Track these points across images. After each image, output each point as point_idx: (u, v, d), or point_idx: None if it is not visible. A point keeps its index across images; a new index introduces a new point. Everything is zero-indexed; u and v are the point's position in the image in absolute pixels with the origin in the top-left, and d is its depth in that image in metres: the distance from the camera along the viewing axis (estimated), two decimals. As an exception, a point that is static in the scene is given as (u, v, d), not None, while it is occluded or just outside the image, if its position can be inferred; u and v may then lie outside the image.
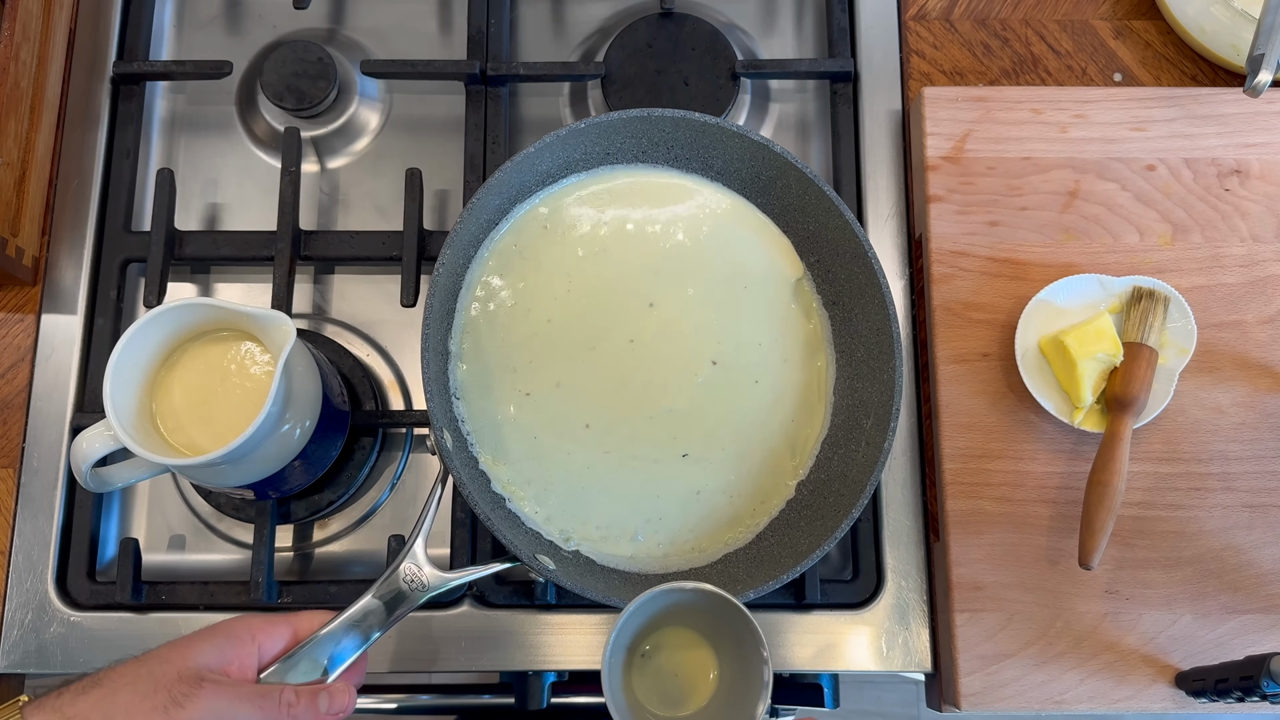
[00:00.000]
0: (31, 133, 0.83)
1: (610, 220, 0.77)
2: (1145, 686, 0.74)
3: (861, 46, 0.89)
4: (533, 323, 0.75)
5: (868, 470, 0.71)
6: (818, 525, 0.72)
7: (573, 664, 0.78)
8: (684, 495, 0.74)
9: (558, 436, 0.74)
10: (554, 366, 0.74)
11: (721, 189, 0.78)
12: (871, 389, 0.74)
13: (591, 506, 0.73)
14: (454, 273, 0.72)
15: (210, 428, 0.70)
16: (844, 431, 0.75)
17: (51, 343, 0.82)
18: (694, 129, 0.75)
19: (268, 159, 0.89)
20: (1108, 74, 0.88)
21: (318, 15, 0.92)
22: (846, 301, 0.76)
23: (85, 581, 0.78)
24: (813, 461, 0.76)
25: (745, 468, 0.75)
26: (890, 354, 0.72)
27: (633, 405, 0.75)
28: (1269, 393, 0.78)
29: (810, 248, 0.77)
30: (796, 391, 0.76)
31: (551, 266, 0.76)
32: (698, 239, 0.77)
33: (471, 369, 0.74)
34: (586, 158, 0.76)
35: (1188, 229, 0.81)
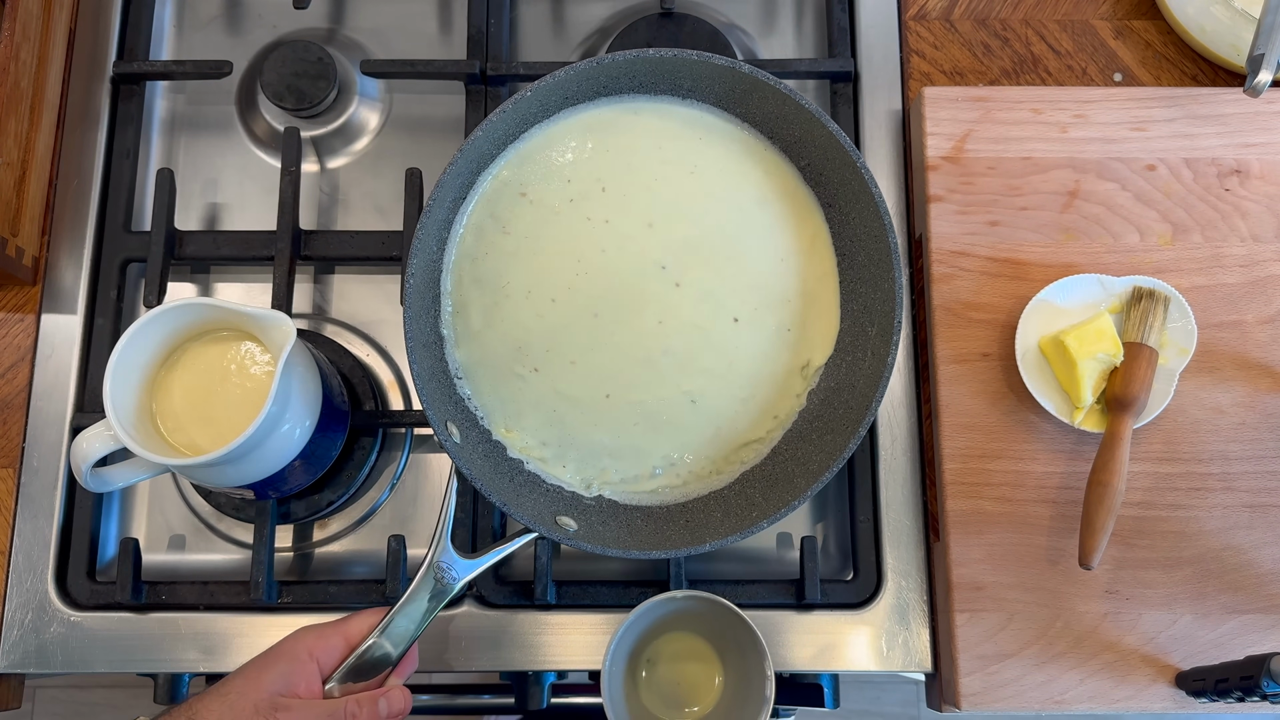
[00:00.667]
0: (31, 133, 0.83)
1: (585, 171, 0.73)
2: (1145, 686, 0.74)
3: (861, 46, 0.89)
4: (521, 295, 0.72)
5: (873, 383, 0.70)
6: (828, 440, 0.71)
7: (573, 664, 0.78)
8: (697, 421, 0.73)
9: (568, 399, 0.73)
10: (554, 334, 0.72)
11: (695, 106, 0.74)
12: (874, 295, 0.72)
13: (610, 453, 0.73)
14: (429, 259, 0.71)
15: (210, 428, 0.70)
16: (850, 338, 0.74)
17: (51, 343, 0.82)
18: (650, 65, 0.71)
19: (268, 159, 0.89)
20: (1108, 74, 0.88)
21: (318, 15, 0.92)
22: (842, 205, 0.74)
23: (85, 581, 0.78)
24: (821, 370, 0.74)
25: (755, 381, 0.74)
26: (889, 263, 0.70)
27: (641, 354, 0.73)
28: (1269, 393, 0.78)
29: (799, 152, 0.74)
30: (799, 301, 0.74)
31: (530, 234, 0.73)
32: (678, 163, 0.74)
33: (469, 349, 0.73)
34: (544, 108, 0.72)
35: (1188, 229, 0.81)
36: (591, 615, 0.78)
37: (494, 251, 0.73)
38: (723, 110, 0.74)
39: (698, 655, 0.76)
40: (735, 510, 0.71)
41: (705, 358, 0.73)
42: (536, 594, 0.77)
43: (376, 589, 0.78)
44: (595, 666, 0.78)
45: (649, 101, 0.74)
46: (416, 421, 0.81)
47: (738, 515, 0.70)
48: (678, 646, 0.76)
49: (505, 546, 0.69)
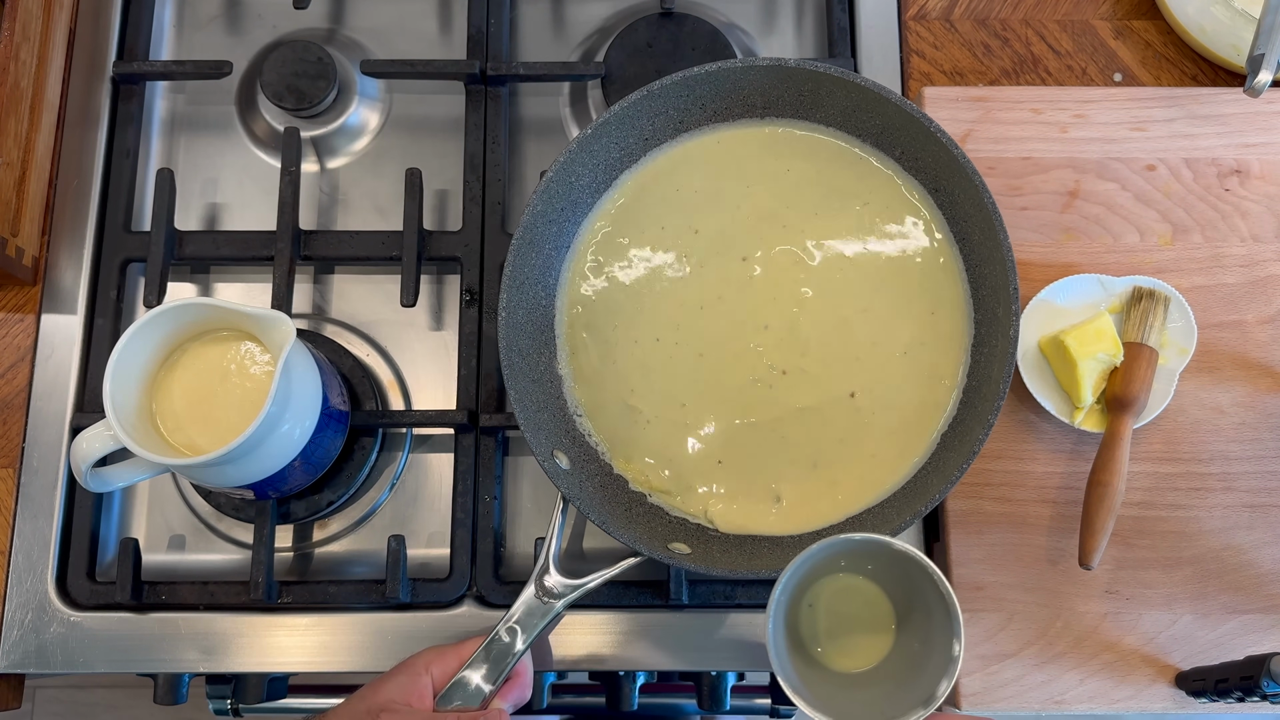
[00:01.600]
0: (31, 133, 0.83)
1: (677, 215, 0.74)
2: (1145, 686, 0.74)
3: (861, 46, 0.89)
4: (629, 339, 0.74)
5: (1003, 362, 0.67)
6: (965, 442, 0.68)
7: (573, 664, 0.78)
8: (824, 453, 0.71)
9: (685, 436, 0.73)
10: (665, 375, 0.74)
11: (775, 123, 0.74)
12: (994, 272, 0.69)
13: (734, 485, 0.72)
14: (535, 301, 0.73)
15: (210, 428, 0.70)
16: (986, 329, 0.71)
17: (51, 343, 0.82)
18: (706, 82, 0.72)
19: (268, 159, 0.89)
20: (1108, 74, 0.89)
21: (318, 15, 0.92)
22: (946, 185, 0.72)
23: (85, 581, 0.78)
24: (966, 368, 0.71)
25: (891, 410, 0.71)
26: (993, 226, 0.68)
27: (753, 390, 0.72)
28: (1269, 393, 0.78)
29: (890, 141, 0.73)
30: (924, 311, 0.72)
31: (632, 280, 0.75)
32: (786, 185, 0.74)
33: (588, 389, 0.74)
34: (627, 152, 0.74)
35: (1188, 229, 0.81)
36: (591, 615, 0.78)
37: (601, 299, 0.75)
38: (799, 119, 0.75)
39: (869, 600, 0.71)
40: (868, 527, 0.69)
41: (835, 372, 0.72)
42: None
43: (376, 589, 0.78)
44: (595, 666, 0.78)
45: (728, 128, 0.75)
46: (416, 422, 0.81)
47: (871, 529, 0.68)
48: (845, 586, 0.71)
49: (613, 570, 0.70)
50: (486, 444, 0.80)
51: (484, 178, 0.85)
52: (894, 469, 0.71)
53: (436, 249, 0.84)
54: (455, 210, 0.87)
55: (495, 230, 0.84)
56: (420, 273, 0.83)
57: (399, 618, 0.78)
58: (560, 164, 0.72)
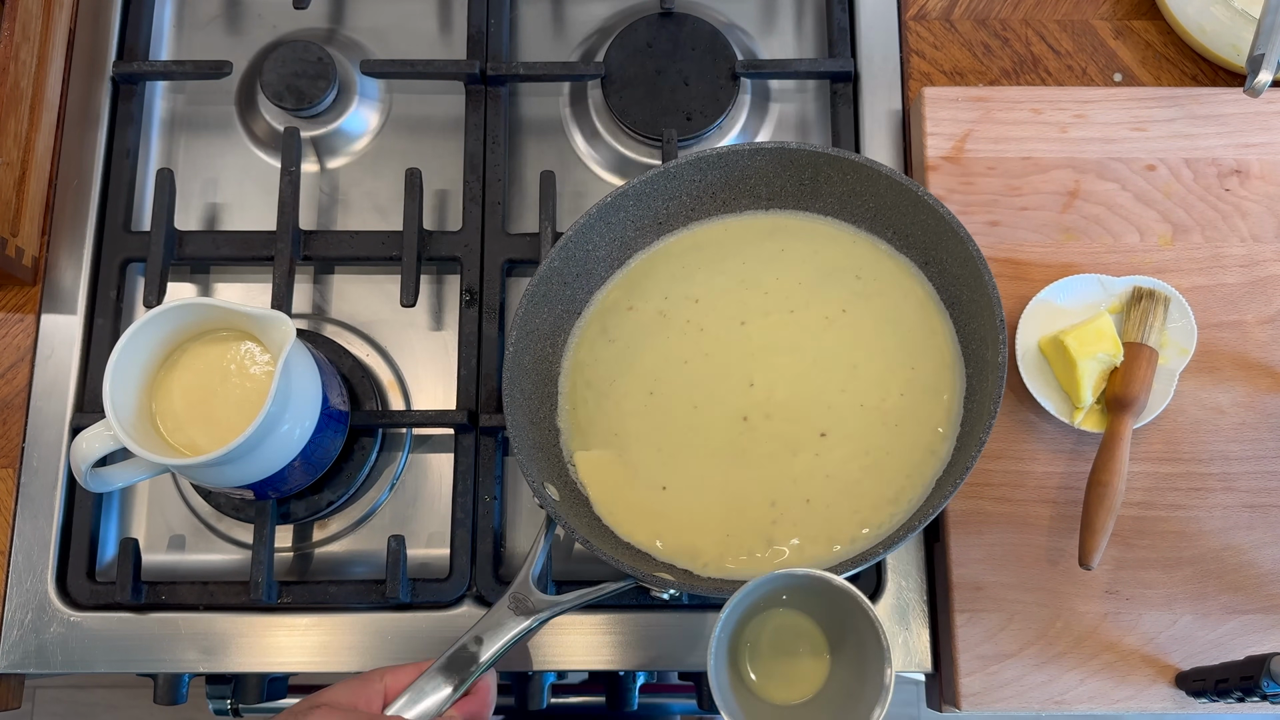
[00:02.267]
0: (31, 133, 0.83)
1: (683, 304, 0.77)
2: (1145, 687, 0.74)
3: (861, 46, 0.89)
4: (621, 395, 0.75)
5: (994, 394, 0.67)
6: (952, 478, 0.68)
7: (573, 664, 0.78)
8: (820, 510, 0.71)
9: (680, 499, 0.73)
10: (659, 431, 0.74)
11: (778, 213, 0.78)
12: (982, 320, 0.70)
13: (728, 542, 0.71)
14: (539, 354, 0.75)
15: (210, 428, 0.70)
16: (977, 379, 0.71)
17: (51, 343, 0.82)
18: (716, 165, 0.75)
19: (268, 159, 0.89)
20: (1108, 74, 0.89)
21: (318, 15, 0.92)
22: (935, 254, 0.74)
23: (85, 581, 0.78)
24: (959, 420, 0.72)
25: (884, 464, 0.72)
26: (981, 278, 0.69)
27: (759, 455, 0.73)
28: (1269, 393, 0.78)
29: (882, 223, 0.76)
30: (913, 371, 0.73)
31: (633, 343, 0.77)
32: (785, 262, 0.77)
33: (583, 440, 0.75)
34: (641, 232, 0.78)
35: (1188, 229, 0.81)
36: (591, 615, 0.78)
37: (603, 360, 0.77)
38: (800, 210, 0.78)
39: (804, 633, 0.73)
40: (852, 564, 0.68)
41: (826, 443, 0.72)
42: None
43: (376, 589, 0.78)
44: (595, 666, 0.78)
45: (735, 218, 0.79)
46: (416, 422, 0.81)
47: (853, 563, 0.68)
48: (782, 622, 0.73)
49: (594, 593, 0.69)
50: (486, 444, 0.80)
51: (484, 178, 0.85)
52: (882, 517, 0.71)
53: (436, 249, 0.84)
54: (455, 210, 0.87)
55: (495, 230, 0.84)
56: (420, 273, 0.83)
57: (399, 618, 0.78)
58: (579, 227, 0.75)
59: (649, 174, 0.75)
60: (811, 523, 0.71)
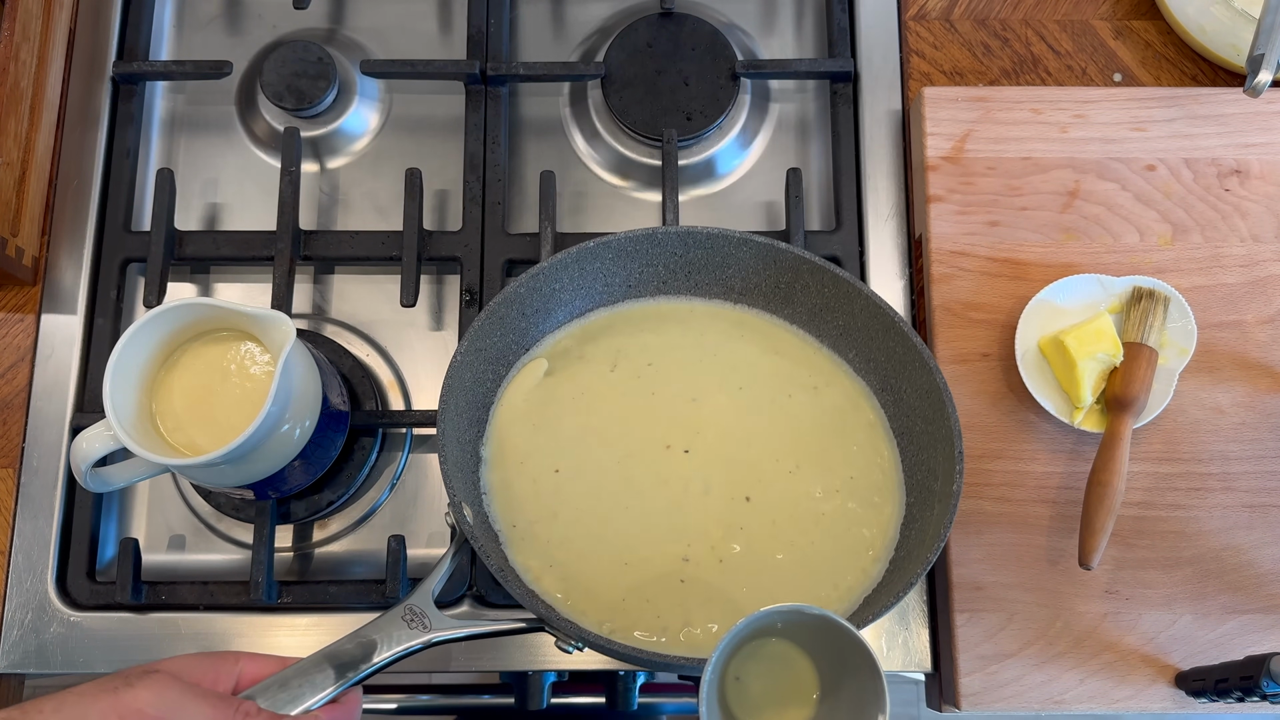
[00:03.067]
0: (31, 133, 0.83)
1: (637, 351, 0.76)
2: (1145, 686, 0.74)
3: (861, 46, 0.89)
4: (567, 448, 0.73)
5: (941, 522, 0.67)
6: (891, 588, 0.68)
7: (573, 664, 0.78)
8: (733, 597, 0.70)
9: (593, 541, 0.71)
10: (584, 491, 0.72)
11: (746, 310, 0.77)
12: (935, 452, 0.70)
13: (630, 609, 0.69)
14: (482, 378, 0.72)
15: (210, 428, 0.70)
16: (919, 508, 0.71)
17: (51, 343, 0.82)
18: (702, 244, 0.74)
19: (268, 159, 0.89)
20: (1108, 74, 0.88)
21: (318, 15, 0.92)
22: (893, 382, 0.73)
23: (85, 581, 0.78)
24: (894, 545, 0.71)
25: (806, 570, 0.71)
26: (943, 411, 0.69)
27: (675, 514, 0.71)
28: (1269, 393, 0.78)
29: (846, 344, 0.75)
30: (862, 488, 0.73)
31: (576, 395, 0.74)
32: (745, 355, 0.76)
33: (502, 475, 0.72)
34: (609, 290, 0.76)
35: (1188, 229, 0.81)
36: (591, 615, 0.78)
37: (541, 403, 0.74)
38: (769, 312, 0.77)
39: (797, 669, 0.71)
40: None
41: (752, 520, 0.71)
42: None
43: (376, 589, 0.78)
44: (595, 666, 0.78)
45: (703, 302, 0.77)
46: (416, 422, 0.81)
47: None
48: (775, 651, 0.73)
49: (491, 625, 0.65)
50: (486, 444, 0.80)
51: (484, 178, 0.85)
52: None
53: (436, 249, 0.84)
54: (455, 210, 0.87)
55: (495, 230, 0.84)
56: (420, 273, 0.83)
57: (399, 618, 0.78)
58: (554, 263, 0.72)
59: (635, 233, 0.73)
60: (723, 597, 0.69)
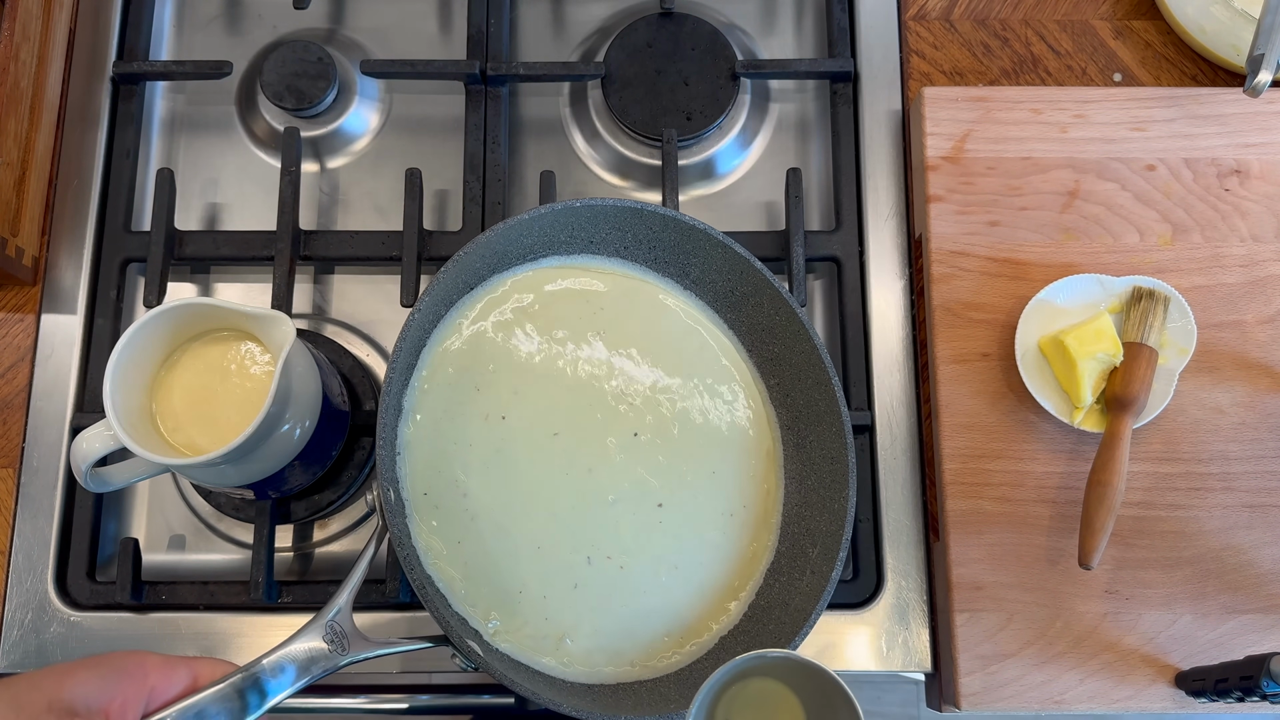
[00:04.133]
0: (31, 133, 0.83)
1: (573, 327, 0.74)
2: (1145, 686, 0.74)
3: (861, 46, 0.89)
4: (490, 394, 0.71)
5: (812, 599, 0.69)
6: (751, 642, 0.69)
7: (573, 664, 0.78)
8: (622, 597, 0.71)
9: (497, 528, 0.69)
10: (508, 443, 0.71)
11: (694, 300, 0.77)
12: (820, 518, 0.72)
13: (523, 602, 0.69)
14: (419, 334, 0.70)
15: (210, 428, 0.70)
16: (788, 560, 0.73)
17: (51, 343, 0.82)
18: (681, 231, 0.73)
19: (268, 159, 0.89)
20: (1108, 74, 0.88)
21: (318, 15, 0.92)
22: (802, 428, 0.74)
23: (85, 581, 0.78)
24: (756, 588, 0.73)
25: (686, 589, 0.72)
26: (843, 484, 0.71)
27: (585, 497, 0.71)
28: (1269, 393, 0.78)
29: (772, 370, 0.76)
30: (743, 516, 0.74)
31: (507, 366, 0.72)
32: (656, 353, 0.75)
33: (419, 431, 0.70)
34: (570, 241, 0.74)
35: (1188, 229, 0.81)
36: (591, 615, 0.78)
37: (467, 354, 0.72)
38: (715, 313, 0.77)
39: (780, 702, 0.73)
40: (646, 703, 0.67)
41: (645, 530, 0.72)
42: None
43: (376, 589, 0.78)
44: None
45: (657, 278, 0.76)
46: (416, 421, 0.81)
47: (648, 708, 0.67)
48: (761, 689, 0.74)
49: (406, 645, 0.63)
50: (486, 444, 0.80)
51: (484, 178, 0.85)
52: (676, 651, 0.71)
53: (436, 249, 0.84)
54: (455, 210, 0.87)
55: (495, 230, 0.84)
56: (420, 273, 0.83)
57: (399, 618, 0.78)
58: (531, 216, 0.70)
59: (622, 204, 0.72)
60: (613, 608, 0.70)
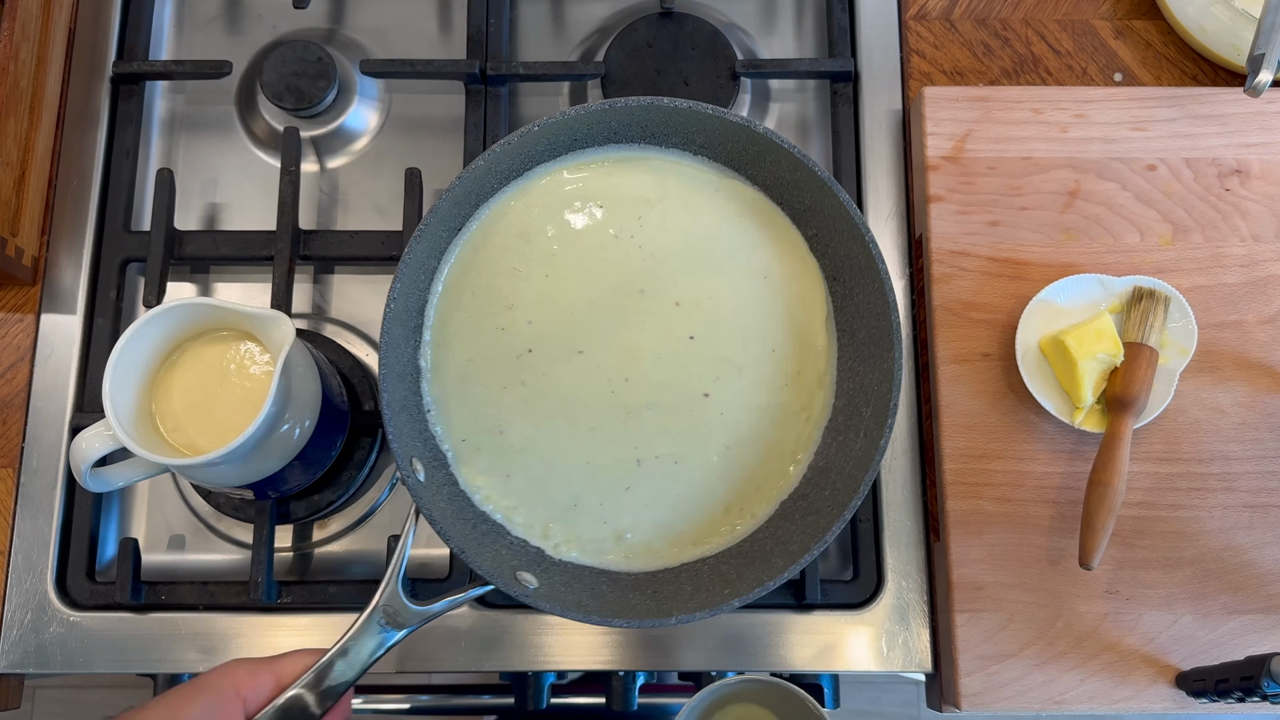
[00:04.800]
0: (31, 133, 0.83)
1: (586, 209, 0.72)
2: (1145, 687, 0.74)
3: (861, 46, 0.89)
4: (510, 330, 0.71)
5: (863, 466, 0.67)
6: (811, 521, 0.68)
7: (573, 664, 0.78)
8: (678, 489, 0.70)
9: (543, 447, 0.70)
10: (536, 375, 0.70)
11: (705, 164, 0.73)
12: (872, 374, 0.70)
13: (580, 513, 0.70)
14: (415, 286, 0.69)
15: (210, 428, 0.70)
16: (844, 416, 0.71)
17: (51, 343, 0.82)
18: (663, 115, 0.70)
19: (267, 159, 0.89)
20: (1108, 74, 0.88)
21: (318, 15, 0.92)
22: (847, 279, 0.71)
23: (85, 581, 0.78)
24: (815, 447, 0.72)
25: (742, 462, 0.71)
26: (889, 342, 0.68)
27: (624, 405, 0.71)
28: (1269, 393, 0.78)
29: (808, 220, 0.72)
30: (796, 377, 0.72)
31: (528, 266, 0.71)
32: (682, 218, 0.72)
33: (445, 385, 0.70)
34: (552, 148, 0.71)
35: (1188, 229, 0.81)
36: (591, 615, 0.78)
37: (482, 286, 0.71)
38: (733, 170, 0.73)
39: None
40: (706, 585, 0.67)
41: (691, 420, 0.71)
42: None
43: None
44: (595, 666, 0.78)
45: (659, 152, 0.72)
46: (416, 421, 0.81)
47: (708, 590, 0.67)
48: (741, 714, 0.74)
49: (458, 596, 0.65)
50: (486, 444, 0.80)
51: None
52: (736, 522, 0.71)
53: (436, 249, 0.84)
54: (455, 210, 0.87)
55: (495, 230, 0.84)
56: (420, 273, 0.83)
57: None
58: (494, 154, 0.67)
59: (592, 107, 0.68)
60: (669, 494, 0.70)
